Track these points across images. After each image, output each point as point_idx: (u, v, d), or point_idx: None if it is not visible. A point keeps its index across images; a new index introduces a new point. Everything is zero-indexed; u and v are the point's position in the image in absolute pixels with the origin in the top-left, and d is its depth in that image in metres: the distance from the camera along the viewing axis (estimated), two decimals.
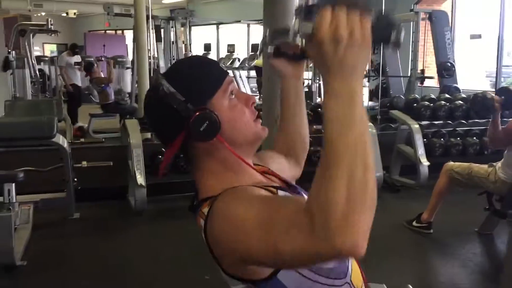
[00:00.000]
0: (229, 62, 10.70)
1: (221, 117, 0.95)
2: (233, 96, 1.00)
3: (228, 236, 0.84)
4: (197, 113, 0.94)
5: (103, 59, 9.04)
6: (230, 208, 0.87)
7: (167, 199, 4.76)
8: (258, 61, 8.82)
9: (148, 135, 5.73)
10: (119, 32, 15.87)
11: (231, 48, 10.50)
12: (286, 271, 0.90)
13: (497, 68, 8.13)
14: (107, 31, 15.42)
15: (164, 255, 3.50)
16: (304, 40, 0.75)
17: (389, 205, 4.65)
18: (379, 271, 2.77)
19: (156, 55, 7.38)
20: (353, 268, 1.01)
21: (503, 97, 3.35)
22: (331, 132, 0.71)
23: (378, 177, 4.78)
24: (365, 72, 0.77)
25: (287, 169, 1.22)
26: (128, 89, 8.81)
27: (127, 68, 9.27)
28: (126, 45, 14.25)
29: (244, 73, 10.69)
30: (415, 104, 5.30)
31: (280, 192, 0.98)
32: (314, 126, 5.10)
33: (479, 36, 8.46)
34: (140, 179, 4.13)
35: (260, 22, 9.87)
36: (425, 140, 5.05)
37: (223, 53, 11.65)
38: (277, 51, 1.15)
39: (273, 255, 0.77)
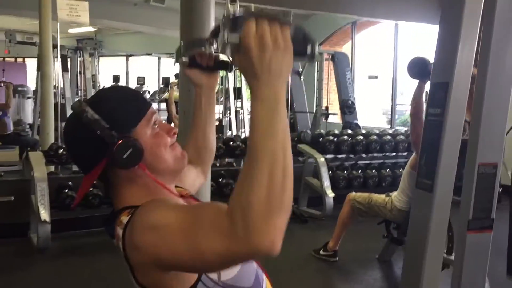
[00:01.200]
0: None
1: (144, 146, 0.97)
2: (156, 126, 1.03)
3: (150, 242, 0.85)
4: (121, 141, 0.95)
5: (1, 84, 8.47)
6: (152, 215, 0.88)
7: (73, 235, 4.54)
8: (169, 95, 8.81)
9: (53, 168, 5.46)
10: (20, 59, 15.03)
11: (141, 81, 10.39)
12: (207, 286, 0.92)
13: (392, 106, 8.86)
14: (6, 59, 14.54)
15: None
16: (230, 51, 0.79)
17: (298, 235, 4.82)
18: None
19: (62, 85, 7.11)
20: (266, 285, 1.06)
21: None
22: (255, 136, 0.76)
23: None
24: (287, 80, 0.86)
25: (195, 179, 1.28)
26: (29, 120, 8.34)
27: (28, 97, 8.80)
28: (27, 73, 13.52)
29: (154, 105, 10.60)
30: (320, 139, 5.60)
31: None
32: (226, 159, 5.19)
33: (376, 77, 9.20)
34: (44, 214, 3.92)
35: (171, 56, 9.93)
36: (330, 173, 5.33)
37: (133, 85, 11.49)
38: (192, 62, 1.19)
39: (195, 257, 0.80)
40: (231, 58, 1.16)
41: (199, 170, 1.31)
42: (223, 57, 1.19)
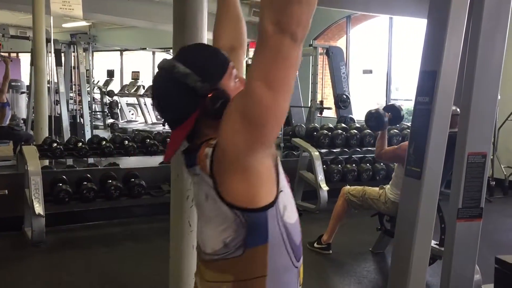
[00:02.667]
0: (134, 89, 10.55)
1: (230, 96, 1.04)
2: (237, 79, 1.09)
3: (236, 104, 0.95)
4: (213, 92, 1.02)
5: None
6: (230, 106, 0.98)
7: (68, 229, 4.54)
8: None
9: (47, 162, 5.46)
10: (13, 54, 14.96)
11: (135, 75, 10.37)
12: (274, 213, 1.01)
13: (386, 101, 8.88)
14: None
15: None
16: None
17: None
18: None
19: (55, 80, 7.08)
20: (302, 265, 1.16)
21: (390, 113, 3.70)
22: None
23: None
24: None
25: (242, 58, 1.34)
26: (23, 115, 8.31)
27: (22, 92, 8.77)
28: (21, 68, 13.46)
29: (148, 100, 10.58)
30: (315, 133, 5.61)
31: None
32: None
33: (371, 72, 9.21)
34: (39, 208, 3.92)
35: (166, 50, 9.90)
36: (324, 166, 5.35)
37: (127, 80, 11.46)
38: None
39: (268, 82, 0.89)
40: None
41: (240, 47, 1.35)
42: None
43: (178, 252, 2.63)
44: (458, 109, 2.54)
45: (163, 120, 1.17)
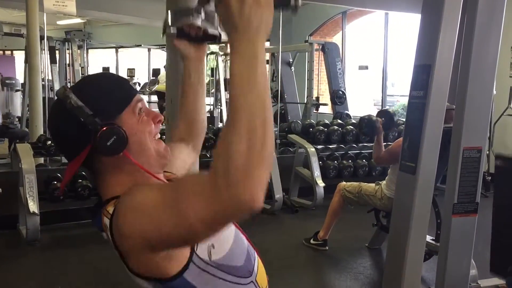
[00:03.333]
0: None
1: (128, 133, 0.96)
2: (142, 113, 1.01)
3: (136, 224, 0.85)
4: (105, 128, 0.94)
5: None
6: (134, 197, 0.88)
7: (63, 227, 4.52)
8: (160, 86, 8.77)
9: (41, 160, 5.43)
10: (8, 52, 14.89)
11: (131, 72, 10.32)
12: (192, 270, 0.93)
13: (382, 97, 8.87)
14: None
15: (61, 286, 3.32)
16: (214, 1, 0.81)
17: (289, 225, 4.85)
18: (280, 286, 2.88)
19: (50, 78, 7.04)
20: (259, 268, 1.07)
21: (383, 119, 3.71)
22: (234, 90, 0.76)
23: (278, 198, 4.99)
24: (267, 37, 0.87)
25: (186, 159, 1.26)
26: (17, 113, 8.27)
27: (17, 90, 8.72)
28: (16, 66, 13.40)
29: (145, 97, 10.54)
30: (311, 129, 5.60)
31: None
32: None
33: (366, 68, 9.20)
34: (33, 206, 3.90)
35: (161, 47, 9.86)
36: (320, 162, 5.34)
37: (123, 76, 11.40)
38: (180, 33, 1.16)
39: (182, 227, 0.80)
40: (220, 30, 1.16)
41: (191, 147, 1.29)
42: (211, 29, 1.17)
43: None
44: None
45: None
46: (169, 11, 1.18)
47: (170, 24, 1.15)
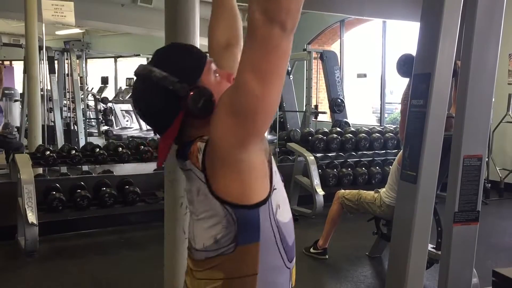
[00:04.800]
0: (128, 96, 10.52)
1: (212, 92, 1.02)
2: (217, 74, 1.07)
3: (226, 96, 0.94)
4: (193, 91, 0.99)
5: None
6: (221, 100, 0.97)
7: (62, 237, 4.50)
8: None
9: (40, 170, 5.42)
10: (7, 62, 14.91)
11: (130, 82, 10.34)
12: (266, 209, 0.99)
13: (381, 104, 8.88)
14: None
15: None
16: None
17: None
18: None
19: (49, 88, 7.04)
20: (295, 267, 1.14)
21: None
22: None
23: None
24: None
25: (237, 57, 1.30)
26: (16, 123, 8.26)
27: (15, 100, 8.72)
28: (14, 76, 13.41)
29: None
30: (310, 137, 5.60)
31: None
32: None
33: (365, 75, 9.22)
34: (32, 217, 3.87)
35: None
36: (320, 171, 5.33)
37: (122, 86, 11.42)
38: None
39: (257, 73, 0.88)
40: None
41: (236, 44, 1.32)
42: None
43: (173, 259, 2.60)
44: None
45: (148, 126, 1.14)
46: None
47: None
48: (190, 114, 1.01)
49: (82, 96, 8.02)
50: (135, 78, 1.07)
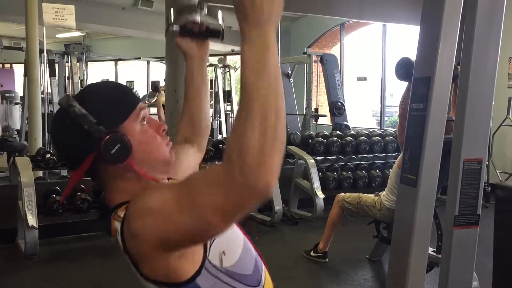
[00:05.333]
0: None
1: (132, 141, 0.96)
2: (145, 122, 1.01)
3: (151, 225, 0.85)
4: (109, 136, 0.94)
5: None
6: (146, 199, 0.88)
7: (62, 240, 4.50)
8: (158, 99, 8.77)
9: (40, 173, 5.42)
10: (7, 65, 14.94)
11: (130, 85, 10.36)
12: (204, 276, 0.93)
13: (381, 108, 8.89)
14: None
15: None
16: None
17: (289, 237, 4.82)
18: None
19: (49, 91, 7.06)
20: (266, 279, 1.07)
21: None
22: (246, 79, 0.77)
23: (278, 210, 4.97)
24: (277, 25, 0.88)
25: (191, 160, 1.25)
26: (17, 126, 8.28)
27: (16, 103, 8.74)
28: (15, 79, 13.43)
29: None
30: (310, 140, 5.60)
31: None
32: (216, 162, 5.17)
33: (365, 79, 9.24)
34: (32, 220, 3.87)
35: (161, 60, 9.90)
36: (320, 174, 5.33)
37: (125, 85, 11.42)
38: (183, 30, 1.16)
39: (199, 221, 0.80)
40: (222, 26, 1.16)
41: (196, 147, 1.29)
42: (214, 24, 1.17)
43: None
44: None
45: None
46: (171, 9, 1.18)
47: (172, 21, 1.16)
48: (102, 158, 0.95)
49: None
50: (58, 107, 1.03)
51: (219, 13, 1.15)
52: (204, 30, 1.16)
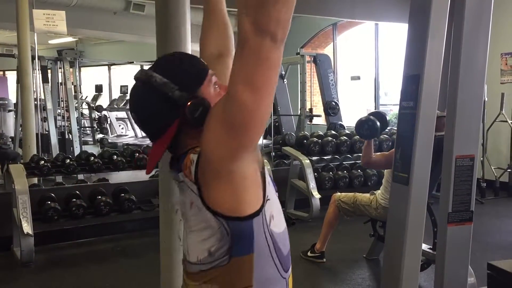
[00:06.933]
0: (123, 103, 10.50)
1: (210, 104, 1.02)
2: (217, 86, 1.07)
3: (217, 110, 0.94)
4: (192, 101, 1.00)
5: None
6: (210, 122, 0.97)
7: (58, 247, 4.48)
8: None
9: (35, 180, 5.40)
10: (0, 73, 14.88)
11: (124, 89, 10.33)
12: (259, 220, 0.99)
13: (375, 106, 8.91)
14: None
15: None
16: None
17: None
18: None
19: (42, 97, 7.03)
20: (291, 276, 1.14)
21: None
22: None
23: None
24: None
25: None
26: (10, 133, 8.24)
27: (10, 110, 8.69)
28: (8, 86, 13.38)
29: None
30: (305, 141, 5.60)
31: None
32: None
33: (358, 78, 9.25)
34: (27, 227, 3.86)
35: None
36: (315, 174, 5.33)
37: (116, 94, 11.41)
38: None
39: (245, 93, 0.88)
40: None
41: (228, 54, 1.32)
42: None
43: (169, 267, 2.59)
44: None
45: (143, 133, 1.14)
46: None
47: None
48: (186, 123, 1.01)
49: (76, 104, 8.00)
50: (134, 81, 1.07)
51: None
52: None
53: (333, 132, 5.97)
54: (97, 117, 10.03)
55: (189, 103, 1.00)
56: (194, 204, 1.00)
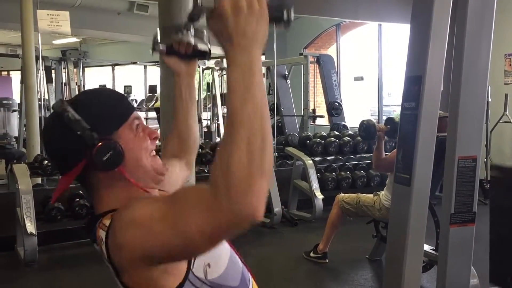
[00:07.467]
0: None
1: (125, 149, 0.96)
2: (139, 129, 1.01)
3: (135, 237, 0.84)
4: (101, 143, 0.94)
5: None
6: (132, 211, 0.87)
7: (61, 247, 4.49)
8: (158, 104, 8.79)
9: (39, 180, 5.41)
10: (4, 73, 14.94)
11: (128, 89, 10.36)
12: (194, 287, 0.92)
13: (378, 107, 8.89)
14: None
15: None
16: (206, 16, 0.79)
17: (288, 238, 4.82)
18: None
19: (46, 97, 7.06)
20: (254, 284, 1.06)
21: (388, 126, 3.66)
22: (232, 101, 0.75)
23: (277, 211, 4.96)
24: (263, 47, 0.85)
25: (179, 175, 1.25)
26: (15, 133, 8.27)
27: (14, 110, 8.73)
28: (12, 87, 13.43)
29: (142, 114, 10.55)
30: (308, 141, 5.60)
31: None
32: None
33: (362, 78, 9.23)
34: (30, 227, 3.87)
35: (157, 64, 9.90)
36: (318, 174, 5.33)
37: (121, 93, 11.43)
38: (170, 49, 1.16)
39: (183, 239, 0.79)
40: (209, 46, 1.16)
41: (184, 162, 1.29)
42: (201, 45, 1.17)
43: None
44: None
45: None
46: (157, 28, 1.19)
47: (159, 40, 1.16)
48: (93, 165, 0.95)
49: None
50: (51, 111, 1.02)
51: (205, 33, 1.15)
52: (191, 50, 1.16)
53: (336, 132, 5.97)
54: None
55: (98, 145, 0.93)
56: (115, 278, 0.95)
